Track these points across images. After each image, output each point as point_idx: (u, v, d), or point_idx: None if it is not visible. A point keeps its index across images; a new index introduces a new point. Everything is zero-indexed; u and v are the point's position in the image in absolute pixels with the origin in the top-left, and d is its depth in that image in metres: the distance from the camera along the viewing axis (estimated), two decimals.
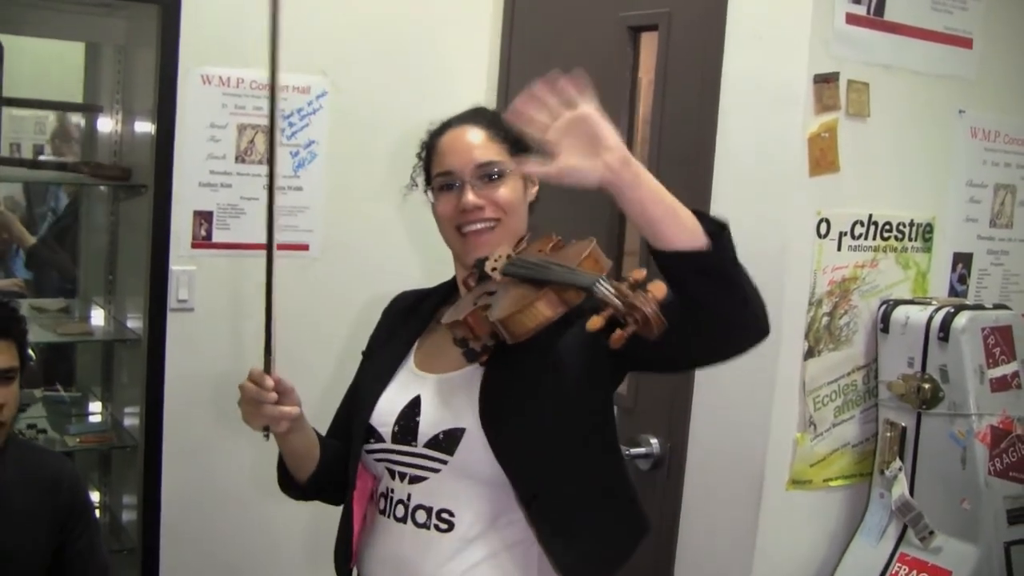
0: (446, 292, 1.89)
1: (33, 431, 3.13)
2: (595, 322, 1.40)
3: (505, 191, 1.75)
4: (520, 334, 1.51)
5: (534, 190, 1.82)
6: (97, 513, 3.11)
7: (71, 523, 2.34)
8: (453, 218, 1.75)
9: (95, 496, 3.35)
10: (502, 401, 1.66)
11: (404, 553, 1.70)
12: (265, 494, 3.15)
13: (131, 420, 3.14)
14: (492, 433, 1.64)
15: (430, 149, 1.83)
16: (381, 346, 1.92)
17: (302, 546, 3.16)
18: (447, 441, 1.67)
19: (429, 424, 1.70)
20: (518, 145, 1.75)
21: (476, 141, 1.77)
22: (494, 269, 1.68)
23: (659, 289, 1.40)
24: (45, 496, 2.29)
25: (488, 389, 1.67)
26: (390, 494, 1.74)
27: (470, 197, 1.73)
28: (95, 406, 3.45)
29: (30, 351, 2.68)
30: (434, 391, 1.73)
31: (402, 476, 1.71)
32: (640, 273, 1.43)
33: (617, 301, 1.40)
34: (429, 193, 1.82)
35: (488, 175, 1.75)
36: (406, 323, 1.89)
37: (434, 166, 1.80)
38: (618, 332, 1.39)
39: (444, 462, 1.67)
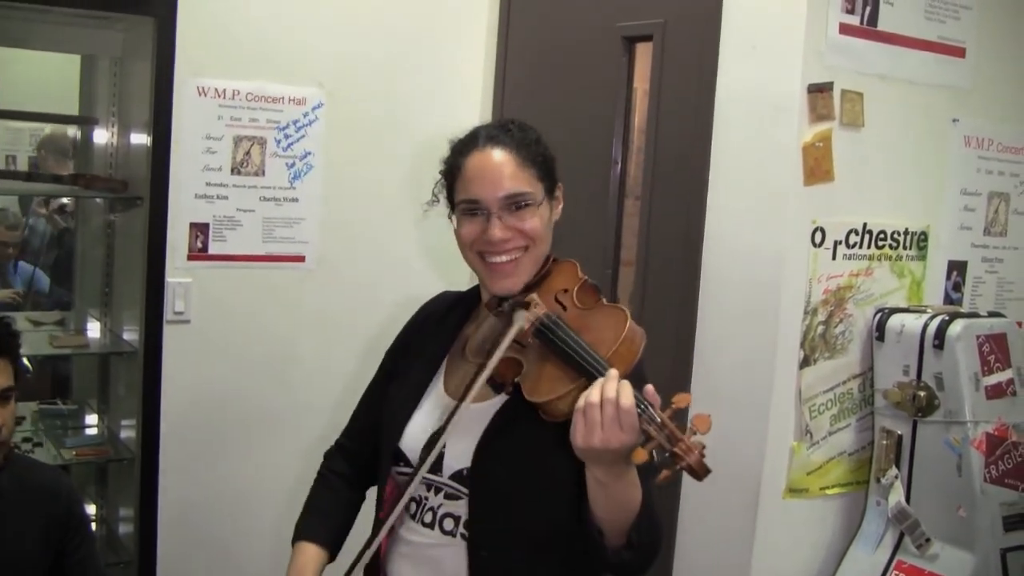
0: (471, 303, 1.85)
1: (29, 444, 3.12)
2: (641, 456, 1.43)
3: (533, 221, 1.69)
4: (555, 416, 1.54)
5: (559, 208, 1.78)
6: (94, 526, 3.10)
7: (68, 536, 2.33)
8: (476, 244, 1.70)
9: (91, 509, 3.34)
10: (499, 452, 1.66)
11: (431, 555, 1.71)
12: (262, 505, 3.15)
13: (128, 432, 3.13)
14: (476, 480, 1.65)
15: (454, 169, 1.75)
16: (410, 356, 1.87)
17: None
18: (470, 477, 1.67)
19: (453, 457, 1.68)
20: (545, 167, 1.73)
21: (504, 168, 1.69)
22: (523, 319, 1.62)
23: (703, 424, 1.44)
24: (41, 509, 2.28)
25: (491, 434, 1.67)
26: (423, 501, 1.73)
27: (497, 232, 1.67)
28: (91, 419, 3.44)
29: (26, 363, 2.67)
30: (457, 422, 1.69)
31: (437, 490, 1.71)
32: (684, 400, 1.45)
33: (664, 440, 1.43)
34: (453, 219, 1.76)
35: (516, 204, 1.69)
36: (435, 335, 1.86)
37: (459, 190, 1.73)
38: (665, 473, 1.43)
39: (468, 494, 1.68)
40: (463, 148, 1.75)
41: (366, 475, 1.90)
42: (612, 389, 1.46)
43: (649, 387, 1.50)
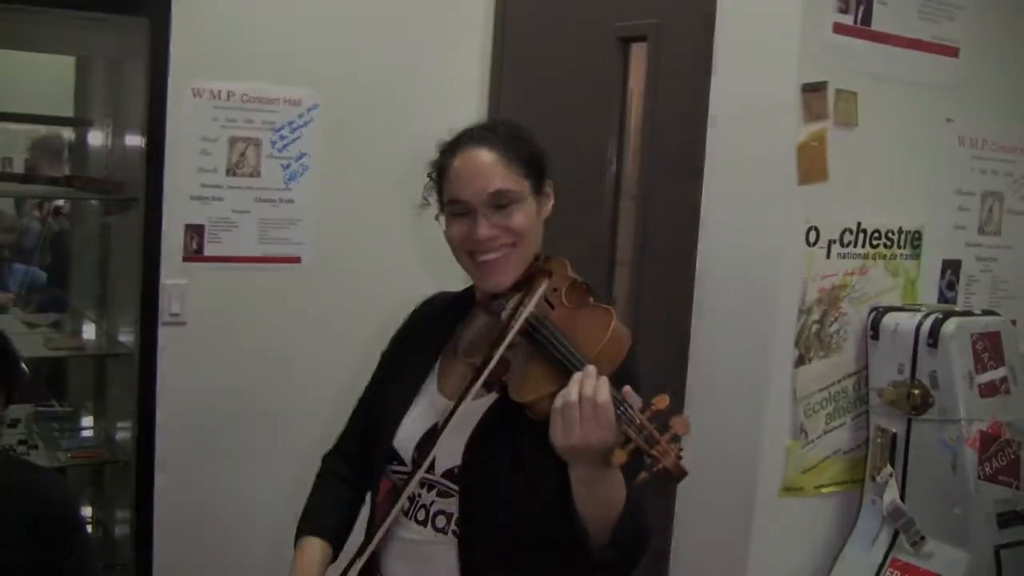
0: (466, 303, 1.86)
1: (25, 447, 3.11)
2: (620, 457, 1.44)
3: (519, 217, 1.70)
4: (541, 415, 1.54)
5: (549, 205, 1.78)
6: (90, 529, 3.10)
7: (61, 540, 2.31)
8: (465, 244, 1.71)
9: (87, 511, 3.34)
10: (488, 450, 1.67)
11: (424, 552, 1.71)
12: (259, 506, 3.15)
13: (123, 434, 3.14)
14: (466, 478, 1.66)
15: (442, 170, 1.76)
16: (406, 356, 1.88)
17: None
18: (460, 475, 1.68)
19: (444, 455, 1.68)
20: (531, 164, 1.73)
21: (489, 167, 1.69)
22: (512, 318, 1.64)
23: (681, 426, 1.45)
24: (33, 513, 2.27)
25: (480, 432, 1.67)
26: (417, 499, 1.73)
27: (484, 231, 1.68)
28: (87, 421, 3.44)
29: (23, 366, 2.66)
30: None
31: (430, 488, 1.72)
32: (663, 401, 1.46)
33: (643, 442, 1.44)
34: (442, 219, 1.76)
35: (501, 202, 1.69)
36: (430, 335, 1.86)
37: (446, 191, 1.74)
38: (643, 475, 1.44)
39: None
40: (450, 149, 1.76)
41: (366, 477, 1.90)
42: (589, 386, 1.47)
43: (627, 388, 1.50)
